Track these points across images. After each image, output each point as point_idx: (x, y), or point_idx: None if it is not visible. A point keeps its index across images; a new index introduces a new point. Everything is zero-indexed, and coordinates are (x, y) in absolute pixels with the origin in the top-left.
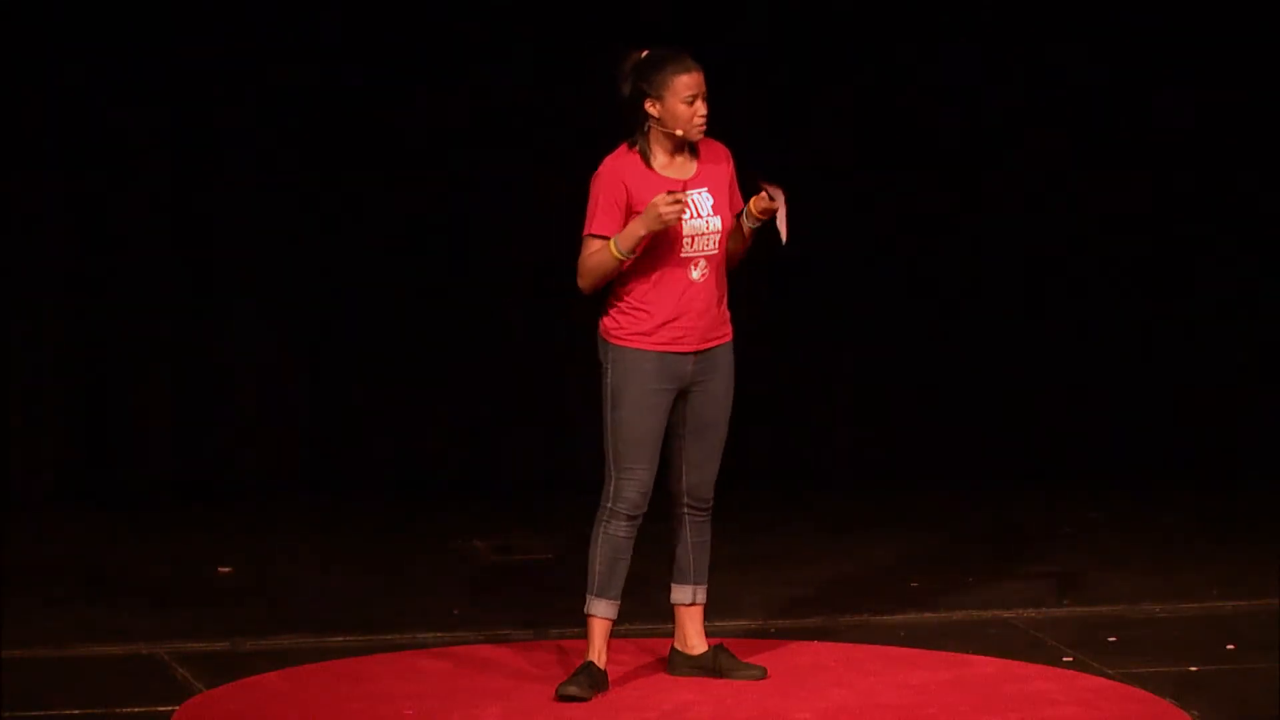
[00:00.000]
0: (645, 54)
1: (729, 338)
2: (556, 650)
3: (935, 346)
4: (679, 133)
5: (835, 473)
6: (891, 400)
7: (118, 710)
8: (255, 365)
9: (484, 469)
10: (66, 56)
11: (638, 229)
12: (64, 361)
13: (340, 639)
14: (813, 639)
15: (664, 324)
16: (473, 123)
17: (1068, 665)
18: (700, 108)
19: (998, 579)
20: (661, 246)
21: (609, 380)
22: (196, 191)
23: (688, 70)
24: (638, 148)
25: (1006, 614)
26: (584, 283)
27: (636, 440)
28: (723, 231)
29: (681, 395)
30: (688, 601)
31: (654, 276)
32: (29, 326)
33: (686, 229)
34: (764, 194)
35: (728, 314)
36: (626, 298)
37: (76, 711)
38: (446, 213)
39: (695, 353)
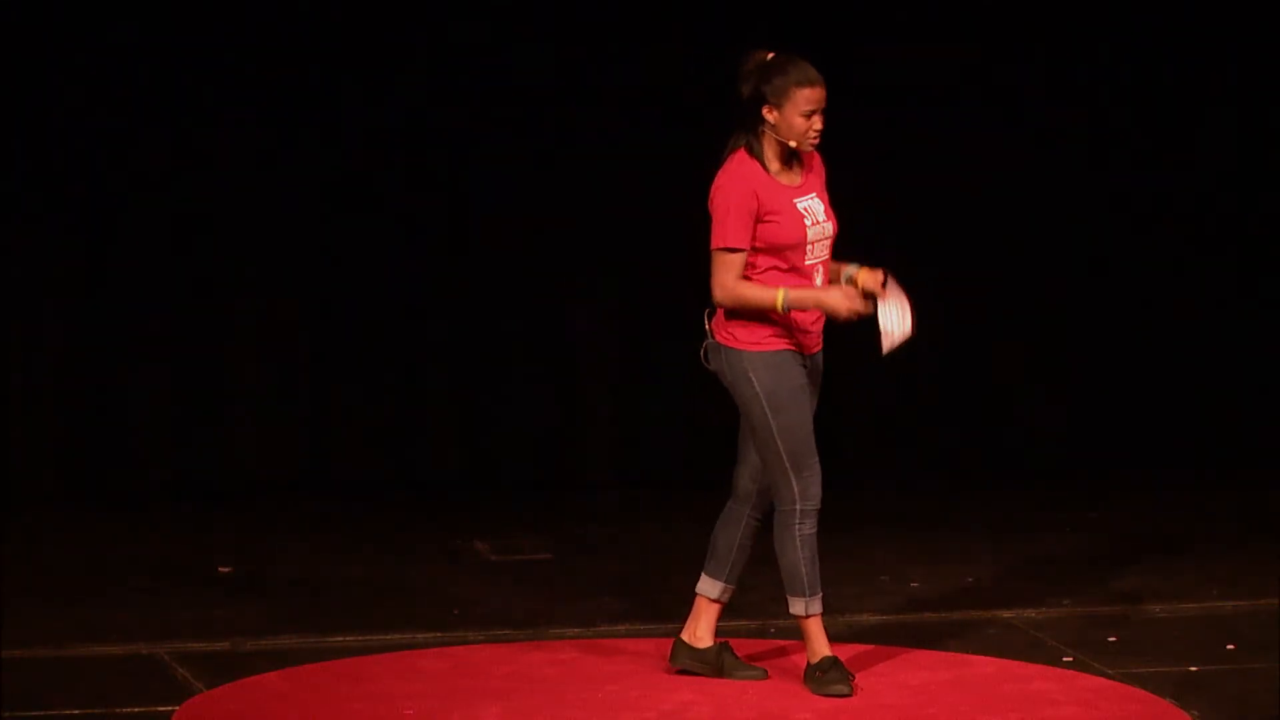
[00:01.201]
0: (770, 57)
1: (822, 346)
2: (556, 650)
3: (932, 345)
4: (792, 143)
5: (835, 473)
6: (890, 400)
7: (118, 710)
8: (255, 365)
9: (484, 469)
10: (67, 56)
11: (814, 301)
12: (64, 361)
13: (340, 639)
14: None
15: (792, 326)
16: (472, 121)
17: (1068, 665)
18: (817, 122)
19: (998, 579)
20: (790, 254)
21: (758, 388)
22: (197, 191)
23: (811, 84)
24: (754, 154)
25: (1006, 614)
26: (729, 304)
27: (805, 436)
28: (833, 238)
29: None
30: (713, 596)
31: (779, 283)
32: (29, 326)
33: (811, 234)
34: (880, 276)
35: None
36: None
37: (76, 711)
38: (447, 213)
39: (810, 356)
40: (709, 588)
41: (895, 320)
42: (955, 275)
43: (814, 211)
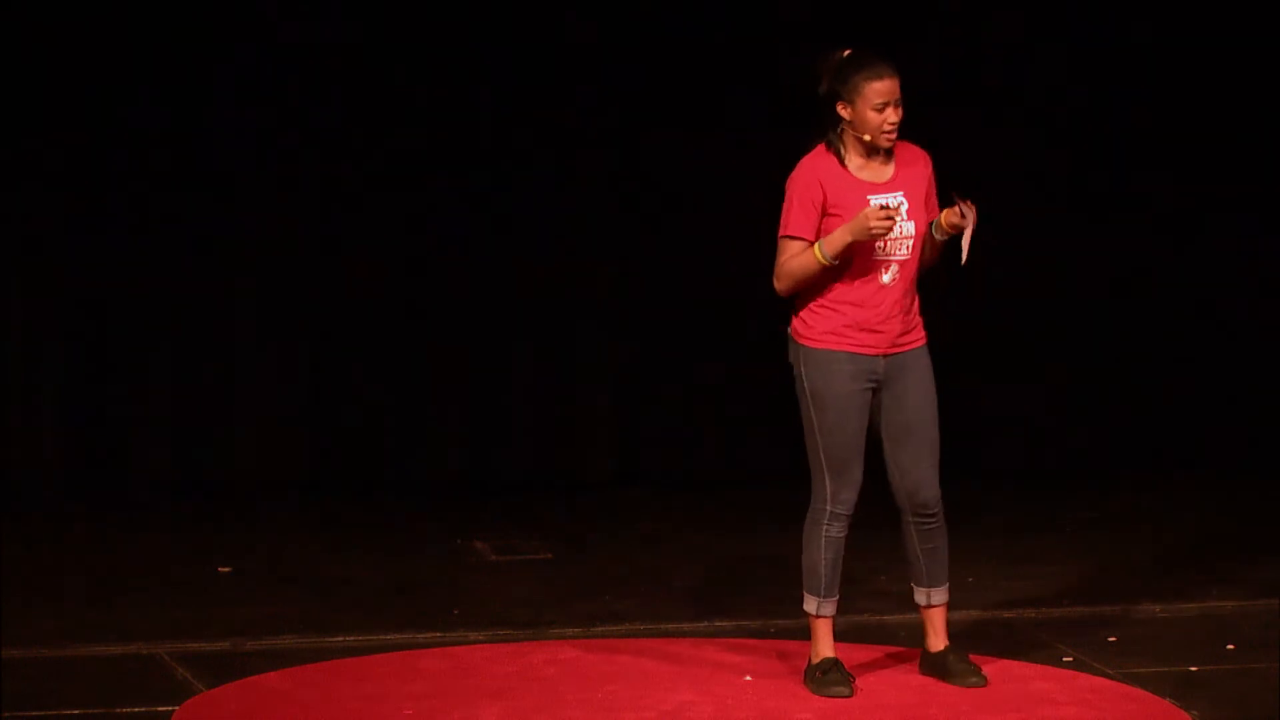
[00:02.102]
0: (846, 54)
1: (921, 342)
2: (556, 650)
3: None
4: (866, 138)
5: None
6: None
7: (118, 710)
8: (256, 365)
9: (484, 469)
10: (68, 56)
11: (845, 236)
12: (64, 362)
13: (340, 639)
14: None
15: (853, 324)
16: (471, 120)
17: (1068, 665)
18: (890, 115)
19: (998, 579)
20: (855, 249)
21: (806, 384)
22: (197, 191)
23: (880, 77)
24: (833, 148)
25: (1006, 614)
26: (782, 285)
27: (844, 440)
28: (915, 237)
29: (875, 399)
30: (923, 604)
31: (846, 277)
32: (29, 327)
33: None
34: (956, 208)
35: (919, 319)
36: (818, 298)
37: (76, 711)
38: (448, 214)
39: (885, 355)
40: (918, 597)
41: (969, 236)
42: (950, 274)
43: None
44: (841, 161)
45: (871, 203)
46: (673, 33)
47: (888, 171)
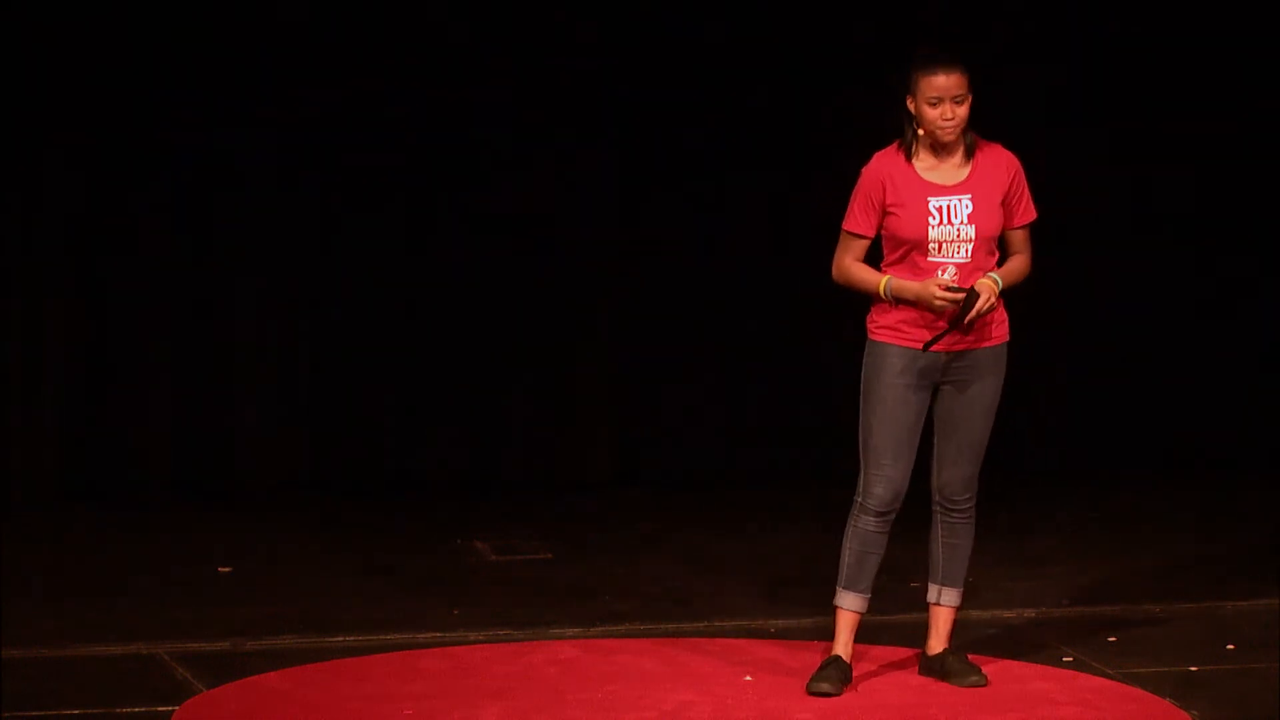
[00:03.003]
0: (920, 50)
1: (996, 340)
2: (556, 650)
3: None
4: (922, 133)
5: (835, 472)
6: None
7: (118, 710)
8: (256, 365)
9: (484, 469)
10: (70, 56)
11: (909, 293)
12: (64, 362)
13: (340, 639)
14: (813, 639)
15: (910, 320)
16: (473, 121)
17: (1068, 665)
18: (946, 111)
19: (998, 579)
20: (910, 250)
21: (863, 374)
22: (198, 190)
23: (933, 72)
24: (905, 146)
25: (1006, 614)
26: (836, 279)
27: (885, 436)
28: (976, 240)
29: (937, 393)
30: (933, 600)
31: (905, 275)
32: (29, 326)
33: (933, 234)
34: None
35: (998, 318)
36: None
37: (76, 711)
38: (448, 213)
39: (950, 352)
40: (930, 592)
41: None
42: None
43: (952, 211)
44: (909, 159)
45: (929, 205)
46: (673, 32)
47: (961, 174)
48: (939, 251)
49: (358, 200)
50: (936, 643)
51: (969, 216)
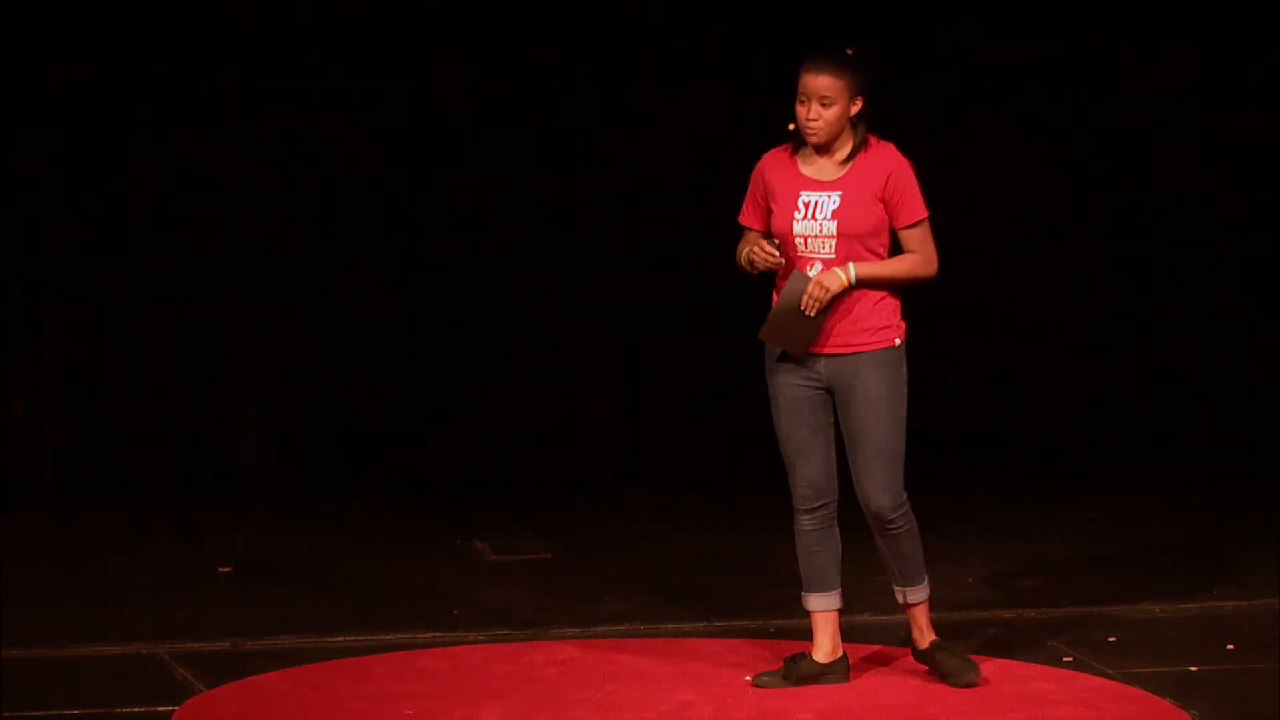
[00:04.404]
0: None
1: (871, 347)
2: (556, 650)
3: (930, 345)
4: (794, 128)
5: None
6: None
7: (118, 710)
8: (256, 365)
9: (484, 469)
10: (70, 56)
11: (741, 258)
12: (64, 361)
13: (340, 639)
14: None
15: None
16: (474, 121)
17: (1068, 665)
18: (810, 110)
19: (998, 579)
20: (783, 244)
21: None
22: (198, 190)
23: (804, 70)
24: (795, 140)
25: (1006, 614)
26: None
27: (785, 434)
28: (839, 236)
29: (833, 400)
30: (901, 602)
31: (781, 277)
32: (29, 326)
33: (797, 229)
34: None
35: (877, 323)
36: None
37: (76, 711)
38: (447, 213)
39: (828, 356)
40: (896, 595)
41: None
42: (954, 274)
43: (818, 207)
44: (793, 154)
45: (798, 200)
46: (672, 32)
47: (839, 172)
48: (805, 247)
49: (358, 200)
50: (920, 637)
51: (833, 213)
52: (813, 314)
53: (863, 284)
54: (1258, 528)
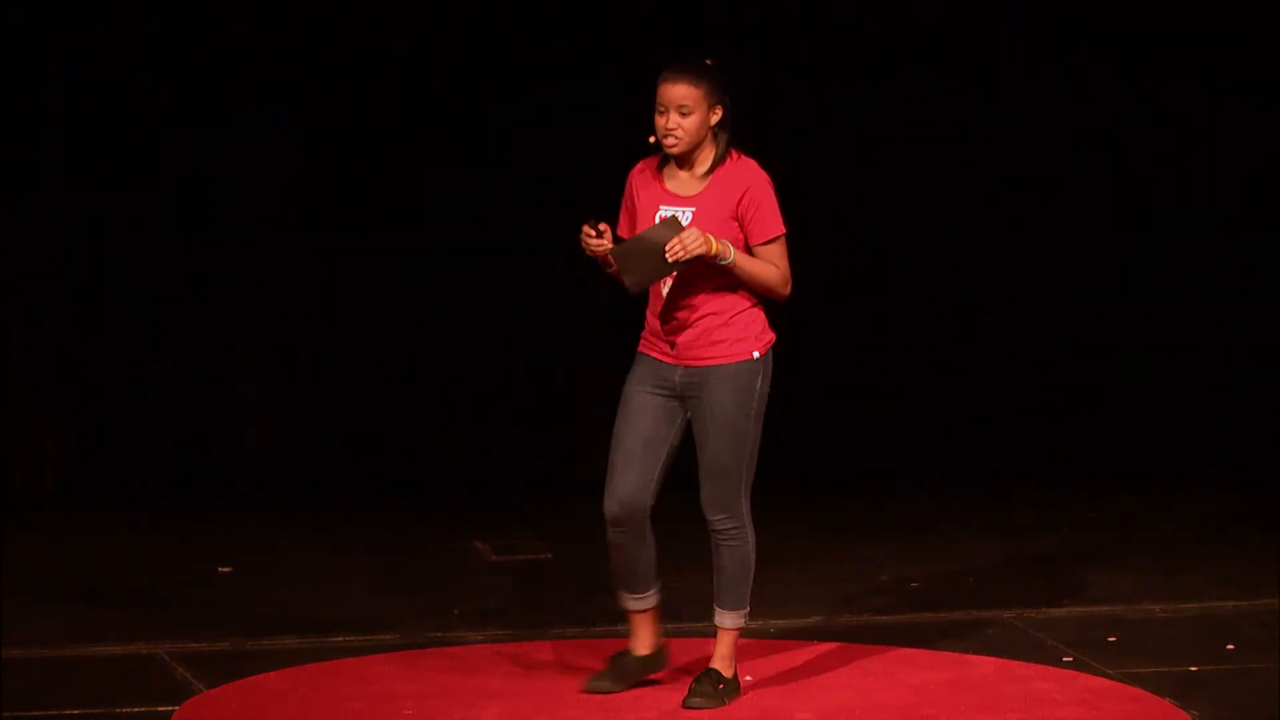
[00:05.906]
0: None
1: (725, 360)
2: (556, 650)
3: (930, 345)
4: (654, 140)
5: (835, 472)
6: (889, 399)
7: (118, 710)
8: (256, 365)
9: (484, 469)
10: (69, 56)
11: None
12: (64, 361)
13: (340, 639)
14: (813, 639)
15: (652, 330)
16: (474, 122)
17: (1068, 665)
18: (668, 120)
19: (998, 579)
20: None
21: None
22: (198, 190)
23: (661, 80)
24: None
25: (1006, 614)
26: None
27: (617, 438)
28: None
29: (685, 411)
30: (715, 622)
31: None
32: (29, 326)
33: None
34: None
35: (732, 336)
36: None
37: (76, 711)
38: (446, 213)
39: (684, 366)
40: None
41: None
42: (954, 274)
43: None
44: (661, 166)
45: (658, 215)
46: (674, 28)
47: (698, 186)
48: None
49: (358, 199)
50: (714, 659)
51: (685, 228)
52: (672, 259)
53: (733, 269)
54: (1258, 528)
